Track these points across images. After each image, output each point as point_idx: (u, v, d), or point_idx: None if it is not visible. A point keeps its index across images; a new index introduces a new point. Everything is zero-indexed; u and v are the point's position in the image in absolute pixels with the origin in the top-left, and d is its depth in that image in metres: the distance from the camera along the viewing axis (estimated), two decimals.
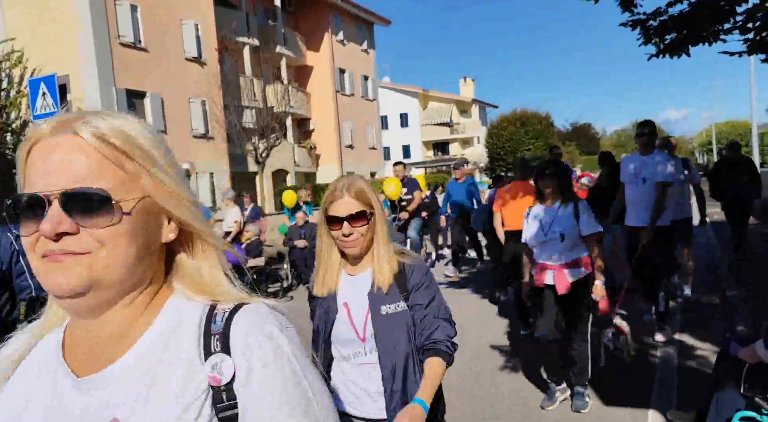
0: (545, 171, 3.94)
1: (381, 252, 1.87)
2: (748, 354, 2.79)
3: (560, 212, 3.88)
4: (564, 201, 3.90)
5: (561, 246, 3.84)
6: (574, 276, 3.84)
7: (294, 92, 26.13)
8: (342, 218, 1.81)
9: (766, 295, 6.01)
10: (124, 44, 17.89)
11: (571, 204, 3.89)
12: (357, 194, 1.82)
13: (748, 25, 5.40)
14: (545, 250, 3.92)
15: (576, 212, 3.83)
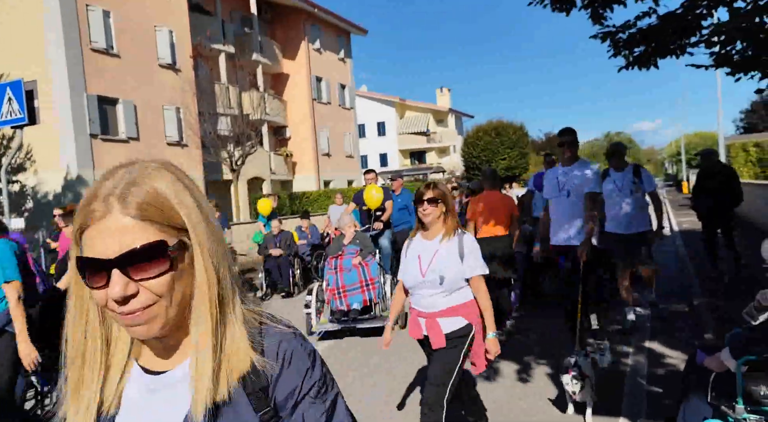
0: (424, 195, 3.10)
1: (209, 331, 0.87)
2: (714, 363, 2.82)
3: (442, 247, 3.12)
4: (447, 234, 3.13)
5: (440, 290, 3.07)
6: (452, 327, 3.07)
7: (270, 100, 25.98)
8: (109, 263, 0.80)
9: (733, 304, 6.12)
10: (96, 50, 17.58)
11: (455, 238, 3.13)
12: (142, 207, 0.84)
13: (713, 38, 5.53)
14: (420, 294, 3.15)
15: (461, 249, 3.09)
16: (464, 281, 3.08)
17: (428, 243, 3.15)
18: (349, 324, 6.55)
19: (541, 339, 5.90)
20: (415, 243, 3.23)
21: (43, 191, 16.89)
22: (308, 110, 28.97)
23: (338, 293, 6.71)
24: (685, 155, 45.45)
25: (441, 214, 3.11)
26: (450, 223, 3.13)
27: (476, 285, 3.09)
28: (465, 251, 3.06)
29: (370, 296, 6.71)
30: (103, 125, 17.83)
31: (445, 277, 3.03)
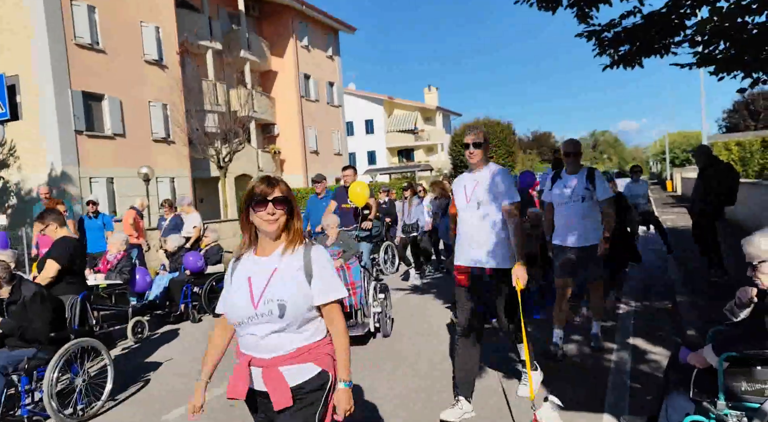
0: (268, 194, 2.17)
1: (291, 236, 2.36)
2: (696, 359, 2.85)
3: (283, 265, 2.20)
4: (289, 245, 2.22)
5: (280, 325, 2.13)
6: (301, 377, 2.16)
7: (258, 97, 25.85)
8: None
9: (715, 302, 6.20)
10: (81, 46, 17.37)
11: (300, 251, 2.22)
12: None
13: (697, 38, 5.59)
14: (252, 333, 2.16)
15: (308, 266, 2.18)
16: (315, 311, 2.18)
17: (264, 261, 2.21)
18: None
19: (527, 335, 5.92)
20: (245, 263, 2.25)
21: (27, 188, 16.66)
22: (296, 107, 28.86)
23: None
24: (669, 154, 45.96)
25: (283, 218, 2.20)
26: (294, 231, 2.23)
27: (330, 316, 2.20)
28: (314, 269, 2.17)
29: (350, 302, 6.25)
30: (88, 122, 17.62)
31: (287, 306, 2.10)
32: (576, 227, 4.94)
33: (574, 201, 4.93)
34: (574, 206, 4.94)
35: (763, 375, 2.61)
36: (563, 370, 4.77)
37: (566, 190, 4.99)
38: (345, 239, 6.68)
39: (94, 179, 17.82)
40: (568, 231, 4.98)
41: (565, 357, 5.06)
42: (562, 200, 5.02)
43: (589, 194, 4.91)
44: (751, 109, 44.27)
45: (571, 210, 4.96)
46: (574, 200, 4.93)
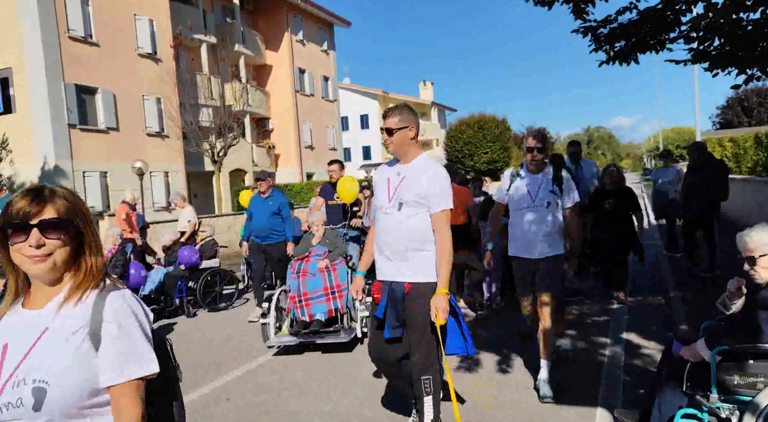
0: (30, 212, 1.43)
1: None
2: (689, 354, 2.87)
3: (55, 325, 1.45)
4: (72, 293, 1.48)
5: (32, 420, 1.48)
6: None
7: (253, 91, 25.75)
8: None
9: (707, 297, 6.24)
10: (74, 38, 17.24)
11: (89, 302, 1.46)
12: None
13: (692, 34, 5.60)
14: None
15: (95, 328, 1.43)
16: (102, 396, 1.42)
17: (32, 316, 1.46)
18: (310, 337, 5.60)
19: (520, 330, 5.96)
20: (6, 319, 1.49)
21: (19, 182, 16.56)
22: (291, 101, 28.77)
23: (299, 302, 5.81)
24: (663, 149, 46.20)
25: (62, 253, 1.45)
26: (85, 271, 1.49)
27: (119, 404, 1.41)
28: (108, 328, 1.42)
29: (336, 306, 5.81)
30: (81, 115, 17.51)
31: (48, 391, 1.35)
32: (538, 238, 4.12)
33: (537, 206, 4.13)
34: (537, 212, 4.13)
35: (755, 368, 2.64)
36: (557, 365, 4.80)
37: (527, 192, 4.18)
38: (332, 238, 6.31)
39: (87, 173, 17.72)
40: (528, 242, 4.16)
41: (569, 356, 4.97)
42: (521, 204, 4.21)
43: (555, 198, 4.14)
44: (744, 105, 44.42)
45: (533, 218, 4.14)
46: (537, 205, 4.13)
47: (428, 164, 3.27)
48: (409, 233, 3.16)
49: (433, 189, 3.15)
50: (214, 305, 8.15)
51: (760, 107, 44.11)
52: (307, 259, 6.11)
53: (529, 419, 3.78)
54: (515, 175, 4.32)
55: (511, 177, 4.35)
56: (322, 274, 5.91)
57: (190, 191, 21.70)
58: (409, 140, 3.31)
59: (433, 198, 3.15)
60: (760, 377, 2.62)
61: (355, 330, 5.72)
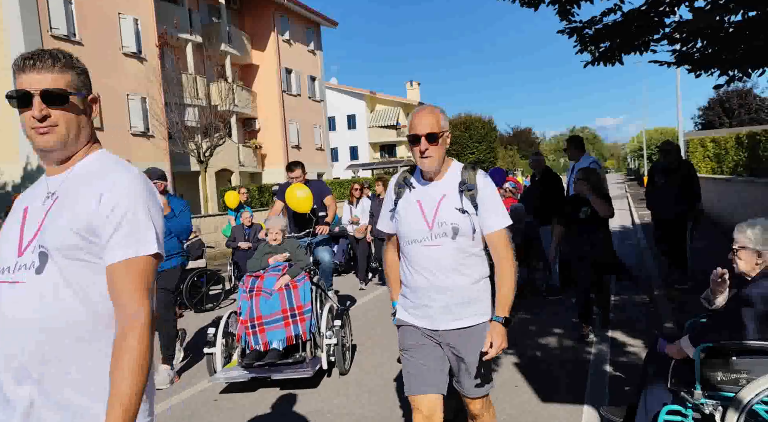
0: None
1: None
2: (674, 350, 2.92)
3: None
4: None
5: None
6: None
7: (239, 91, 25.60)
8: None
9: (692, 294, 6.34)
10: (57, 37, 17.02)
11: None
12: None
13: (675, 36, 5.69)
14: None
15: None
16: None
17: None
18: (264, 371, 4.53)
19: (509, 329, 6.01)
20: None
21: (1, 183, 16.32)
22: (278, 101, 28.66)
23: (252, 327, 4.72)
24: (646, 151, 46.69)
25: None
26: None
27: None
28: None
29: (296, 332, 4.75)
30: None
31: None
32: (439, 290, 2.45)
33: (437, 237, 2.43)
34: (438, 248, 2.43)
35: (739, 364, 2.68)
36: (544, 362, 4.84)
37: (420, 213, 2.47)
38: (293, 249, 5.25)
39: None
40: (423, 299, 2.48)
41: None
42: (412, 234, 2.47)
43: (467, 221, 2.42)
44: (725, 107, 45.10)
45: (431, 259, 2.45)
46: (437, 235, 2.43)
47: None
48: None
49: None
50: (201, 306, 8.10)
51: (741, 108, 44.81)
52: (261, 275, 4.97)
53: (518, 416, 3.81)
54: (403, 184, 2.55)
55: (396, 188, 2.57)
56: (281, 293, 4.80)
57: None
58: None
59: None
60: (742, 373, 2.66)
61: (321, 361, 4.74)
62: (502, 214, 2.46)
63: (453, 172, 2.50)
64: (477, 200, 2.43)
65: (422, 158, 2.40)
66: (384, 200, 2.68)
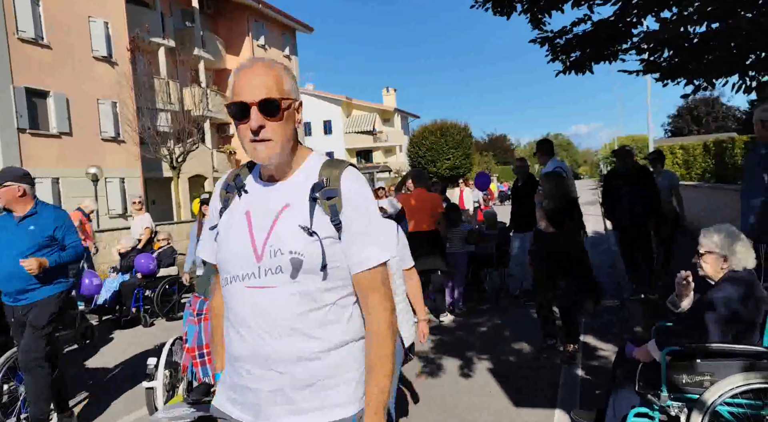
0: None
1: None
2: (641, 354, 2.97)
3: None
4: None
5: None
6: None
7: (213, 96, 25.33)
8: None
9: (661, 299, 6.46)
10: (24, 40, 16.63)
11: None
12: None
13: (643, 46, 5.83)
14: None
15: None
16: None
17: None
18: None
19: (482, 335, 6.05)
20: None
21: None
22: None
23: (200, 356, 4.04)
24: None
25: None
26: None
27: None
28: None
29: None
30: (32, 119, 16.89)
31: None
32: (269, 363, 1.49)
33: (267, 273, 1.48)
34: (271, 291, 1.47)
35: (702, 367, 2.74)
36: (517, 367, 4.88)
37: (248, 235, 1.52)
38: None
39: (38, 179, 17.06)
40: (244, 376, 1.53)
41: None
42: (233, 268, 1.53)
43: (316, 250, 1.46)
44: (694, 114, 46.33)
45: (260, 303, 1.48)
46: (267, 269, 1.47)
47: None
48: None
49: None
50: (172, 315, 7.96)
51: (708, 116, 46.09)
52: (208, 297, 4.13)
53: (487, 419, 3.83)
54: (232, 186, 1.65)
55: (223, 193, 1.66)
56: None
57: (148, 198, 21.16)
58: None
59: None
60: (706, 375, 2.73)
61: None
62: (380, 243, 1.53)
63: (309, 169, 1.54)
64: (341, 215, 1.47)
65: (254, 143, 1.45)
66: (210, 207, 1.69)
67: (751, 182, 3.83)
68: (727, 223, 3.00)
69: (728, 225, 2.96)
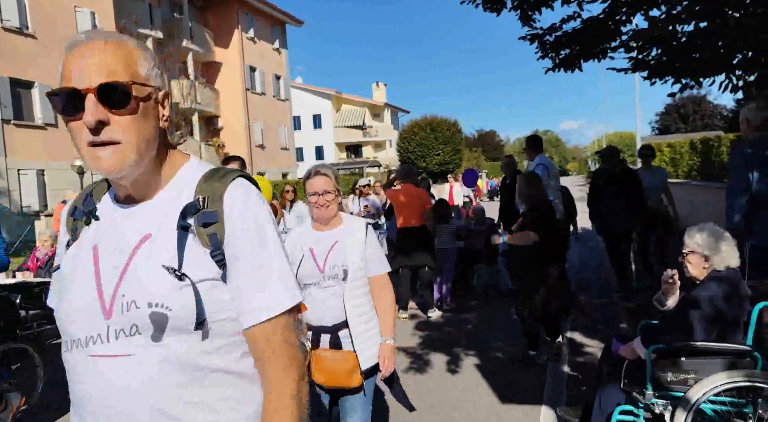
0: None
1: None
2: (627, 351, 2.99)
3: None
4: None
5: None
6: None
7: (201, 88, 25.14)
8: None
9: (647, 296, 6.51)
10: (8, 29, 16.39)
11: None
12: None
13: (632, 44, 5.84)
14: None
15: None
16: None
17: None
18: None
19: (470, 331, 6.07)
20: None
21: None
22: (241, 100, 28.27)
23: None
24: None
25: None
26: None
27: None
28: None
29: None
30: (16, 110, 16.66)
31: None
32: None
33: (119, 335, 1.04)
34: (126, 360, 1.03)
35: (687, 365, 2.77)
36: (504, 363, 4.90)
37: (95, 279, 1.08)
38: None
39: (22, 171, 16.87)
40: None
41: None
42: (75, 330, 1.09)
43: (188, 300, 1.03)
44: (681, 112, 46.73)
45: (111, 376, 1.03)
46: (119, 330, 1.04)
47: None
48: None
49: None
50: None
51: (695, 114, 46.51)
52: None
53: (477, 416, 3.84)
54: (80, 212, 1.18)
55: (71, 223, 1.19)
56: None
57: None
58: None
59: None
60: (690, 373, 2.75)
61: None
62: (284, 281, 1.13)
63: (182, 183, 1.14)
64: (225, 247, 1.08)
65: (94, 147, 1.03)
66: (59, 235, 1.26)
67: (736, 180, 3.86)
68: (711, 222, 3.02)
69: (711, 224, 2.98)
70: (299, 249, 2.57)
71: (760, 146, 3.73)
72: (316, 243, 2.56)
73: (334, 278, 2.48)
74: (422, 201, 6.57)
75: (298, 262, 2.52)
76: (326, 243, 2.55)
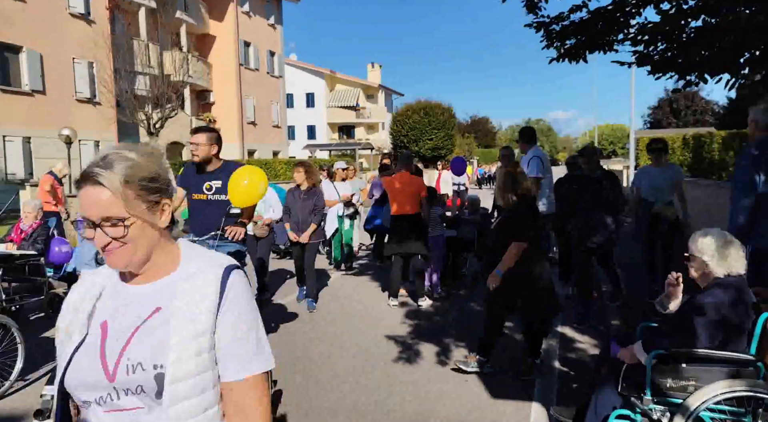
0: None
1: None
2: (626, 355, 2.93)
3: None
4: None
5: None
6: None
7: (194, 61, 24.66)
8: None
9: (633, 290, 6.51)
10: None
11: None
12: None
13: (639, 37, 5.72)
14: None
15: None
16: None
17: None
18: None
19: (461, 321, 6.02)
20: None
21: None
22: (234, 75, 27.83)
23: None
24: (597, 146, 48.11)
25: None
26: None
27: None
28: None
29: None
30: (3, 75, 16.24)
31: None
32: None
33: None
34: None
35: (688, 372, 2.71)
36: (494, 356, 4.85)
37: None
38: None
39: (8, 137, 16.49)
40: None
41: None
42: None
43: None
44: (673, 107, 46.84)
45: None
46: None
47: None
48: None
49: None
50: None
51: (687, 110, 46.66)
52: None
53: (467, 412, 3.80)
54: None
55: None
56: None
57: None
58: None
59: None
60: (691, 380, 2.70)
61: None
62: None
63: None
64: None
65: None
66: None
67: (741, 182, 3.80)
68: (717, 228, 2.95)
69: (718, 230, 2.91)
70: (78, 324, 1.29)
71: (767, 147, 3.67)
72: (114, 312, 1.27)
73: (137, 394, 1.19)
74: (418, 188, 6.47)
75: (71, 353, 1.25)
76: (133, 314, 1.26)
